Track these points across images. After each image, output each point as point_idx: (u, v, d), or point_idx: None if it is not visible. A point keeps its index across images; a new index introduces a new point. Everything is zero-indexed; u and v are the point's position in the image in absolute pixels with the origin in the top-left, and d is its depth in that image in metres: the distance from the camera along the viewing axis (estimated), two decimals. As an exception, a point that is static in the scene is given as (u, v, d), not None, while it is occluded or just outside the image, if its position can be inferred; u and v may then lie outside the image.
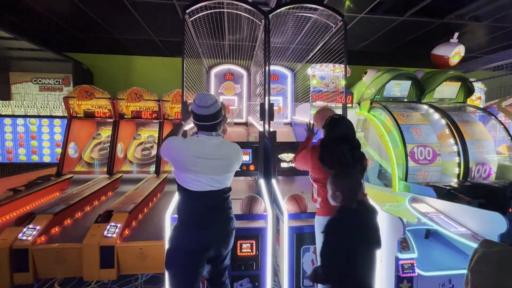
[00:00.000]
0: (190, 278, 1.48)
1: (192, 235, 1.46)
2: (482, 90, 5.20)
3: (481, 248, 0.84)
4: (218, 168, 1.50)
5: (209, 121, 1.50)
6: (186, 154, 1.45)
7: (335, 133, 1.78)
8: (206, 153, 1.47)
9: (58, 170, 4.12)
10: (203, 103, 1.48)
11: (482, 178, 3.41)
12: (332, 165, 1.72)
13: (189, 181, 1.46)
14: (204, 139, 1.50)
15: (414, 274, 1.94)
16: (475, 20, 3.65)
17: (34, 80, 4.96)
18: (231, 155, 1.57)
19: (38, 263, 2.45)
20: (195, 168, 1.45)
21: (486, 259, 0.80)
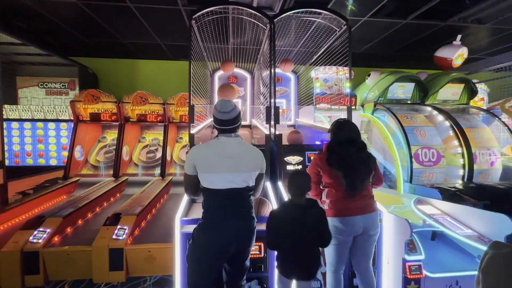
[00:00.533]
0: (209, 275, 1.55)
1: (213, 230, 1.53)
2: (485, 91, 5.21)
3: (491, 249, 0.87)
4: (236, 167, 1.56)
5: (230, 125, 1.60)
6: (208, 155, 1.54)
7: (340, 136, 1.83)
8: (228, 152, 1.56)
9: (65, 173, 4.17)
10: (224, 109, 1.58)
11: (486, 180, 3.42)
12: (340, 166, 1.75)
13: (211, 179, 1.53)
14: (224, 140, 1.60)
15: (422, 276, 1.95)
16: (478, 23, 3.68)
17: (40, 85, 5.03)
18: (251, 154, 1.64)
19: (48, 266, 2.48)
20: (217, 167, 1.52)
21: (496, 260, 0.83)
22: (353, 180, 1.75)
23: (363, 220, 1.76)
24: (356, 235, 1.79)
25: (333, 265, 1.85)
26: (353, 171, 1.75)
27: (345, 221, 1.75)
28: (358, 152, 1.78)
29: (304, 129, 4.48)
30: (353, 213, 1.75)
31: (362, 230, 1.77)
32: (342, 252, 1.81)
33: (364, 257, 1.85)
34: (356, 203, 1.77)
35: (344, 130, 1.84)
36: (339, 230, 1.77)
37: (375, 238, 1.83)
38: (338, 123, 1.89)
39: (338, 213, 1.77)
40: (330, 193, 1.84)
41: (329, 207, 1.83)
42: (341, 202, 1.78)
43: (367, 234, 1.79)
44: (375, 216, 1.81)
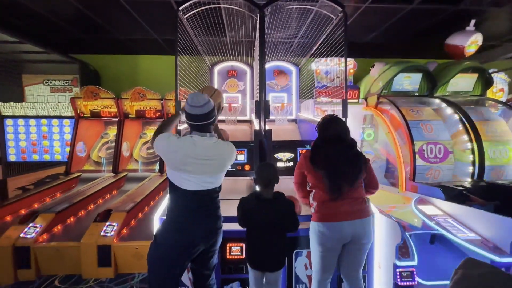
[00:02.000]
0: (173, 275, 1.49)
1: (180, 231, 1.47)
2: (505, 81, 4.80)
3: (461, 268, 0.72)
4: (210, 169, 1.50)
5: (202, 121, 1.49)
6: (179, 154, 1.44)
7: (326, 134, 1.71)
8: (198, 154, 1.46)
9: (67, 169, 4.26)
10: (196, 102, 1.46)
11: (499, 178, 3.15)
12: (323, 165, 1.63)
13: (180, 179, 1.47)
14: (197, 139, 1.48)
15: (414, 283, 1.80)
16: (494, 5, 3.34)
17: (45, 82, 5.13)
18: (224, 155, 1.56)
19: (40, 261, 2.53)
20: (187, 168, 1.44)
21: (465, 283, 0.68)
22: (337, 181, 1.59)
23: (352, 226, 1.58)
24: (345, 243, 1.63)
25: (318, 274, 1.71)
26: (336, 171, 1.59)
27: (331, 226, 1.59)
28: (345, 150, 1.63)
29: (306, 124, 4.32)
30: (340, 218, 1.58)
31: (351, 237, 1.60)
32: (329, 261, 1.66)
33: (354, 266, 1.70)
34: (345, 207, 1.59)
35: (331, 127, 1.70)
36: (325, 237, 1.61)
37: (367, 247, 1.66)
38: (325, 119, 1.75)
39: (323, 218, 1.62)
40: (316, 195, 1.69)
41: (315, 211, 1.69)
42: (327, 205, 1.62)
43: (358, 243, 1.62)
44: (366, 222, 1.62)
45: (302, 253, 2.03)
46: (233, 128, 4.52)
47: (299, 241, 2.03)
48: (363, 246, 1.64)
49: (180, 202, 1.50)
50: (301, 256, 2.03)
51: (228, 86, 4.91)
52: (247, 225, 1.70)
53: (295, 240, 2.03)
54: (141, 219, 3.06)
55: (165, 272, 1.48)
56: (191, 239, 1.46)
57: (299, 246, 2.03)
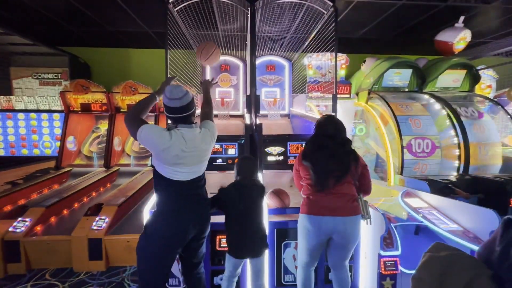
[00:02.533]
0: (164, 265, 1.52)
1: (174, 220, 1.49)
2: (493, 78, 4.90)
3: (430, 252, 0.76)
4: (201, 158, 1.56)
5: (184, 113, 1.49)
6: (173, 152, 1.43)
7: (320, 131, 1.77)
8: (191, 146, 1.48)
9: (57, 163, 4.21)
10: (175, 95, 1.46)
11: (484, 172, 3.24)
12: (309, 158, 1.67)
13: (172, 172, 1.48)
14: (185, 132, 1.48)
15: (397, 272, 1.87)
16: (483, 2, 3.39)
17: (34, 75, 5.02)
18: (210, 141, 1.61)
19: (30, 255, 2.52)
20: (181, 162, 1.47)
21: (430, 265, 0.72)
22: (322, 174, 1.63)
23: (333, 222, 1.59)
24: (328, 237, 1.66)
25: (302, 261, 1.77)
26: (323, 164, 1.63)
27: (312, 220, 1.63)
28: (335, 147, 1.66)
29: (298, 119, 4.34)
30: (322, 212, 1.61)
31: (332, 233, 1.62)
32: (313, 251, 1.71)
33: (339, 259, 1.75)
34: (327, 202, 1.61)
35: (326, 125, 1.75)
36: (307, 230, 1.66)
37: (351, 246, 1.67)
38: (322, 118, 1.82)
39: (308, 211, 1.66)
40: (305, 188, 1.75)
41: (302, 203, 1.74)
42: (312, 199, 1.66)
43: (342, 240, 1.63)
44: (349, 221, 1.60)
45: (290, 245, 2.07)
46: (225, 122, 4.51)
47: (288, 233, 2.07)
48: (347, 244, 1.65)
49: (171, 192, 1.51)
50: (289, 247, 2.08)
51: (220, 81, 4.89)
52: (227, 213, 1.75)
53: (283, 232, 2.08)
54: (133, 213, 3.06)
55: (157, 263, 1.49)
56: (184, 227, 1.50)
57: (287, 237, 2.08)
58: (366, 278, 2.07)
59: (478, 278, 0.65)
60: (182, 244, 1.54)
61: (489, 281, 0.65)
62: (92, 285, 2.34)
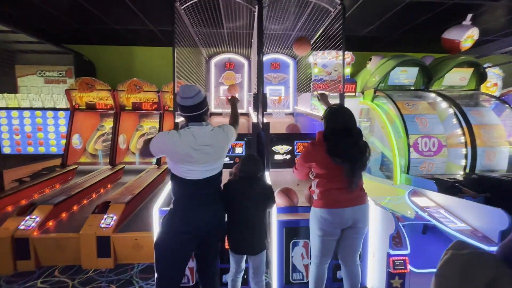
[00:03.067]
0: (180, 262, 1.56)
1: (187, 218, 1.53)
2: (499, 76, 4.87)
3: (451, 249, 0.77)
4: (213, 156, 1.55)
5: (196, 111, 1.53)
6: (182, 148, 1.47)
7: (336, 125, 1.71)
8: (200, 143, 1.50)
9: (63, 161, 4.24)
10: (187, 94, 1.50)
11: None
12: (345, 158, 1.63)
13: (185, 171, 1.50)
14: (195, 130, 1.52)
15: (406, 271, 1.87)
16: (491, 0, 3.35)
17: (39, 73, 5.03)
18: (223, 140, 1.62)
19: (39, 252, 2.55)
20: (192, 159, 1.49)
21: (453, 263, 0.73)
22: (358, 172, 1.66)
23: (352, 212, 1.66)
24: (345, 227, 1.70)
25: (317, 258, 1.77)
26: (357, 163, 1.64)
27: (334, 213, 1.66)
28: (356, 142, 1.66)
29: (303, 117, 4.34)
30: (343, 205, 1.66)
31: (351, 223, 1.68)
32: (328, 244, 1.73)
33: (351, 251, 1.77)
34: (348, 195, 1.67)
35: (339, 118, 1.71)
36: (327, 222, 1.68)
37: (364, 231, 1.74)
38: (333, 109, 1.77)
39: (327, 204, 1.68)
40: (321, 183, 1.73)
41: (318, 197, 1.73)
42: (332, 193, 1.68)
43: (356, 227, 1.70)
44: (365, 208, 1.72)
45: (299, 243, 2.08)
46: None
47: (296, 232, 2.08)
48: (360, 230, 1.72)
49: (185, 191, 1.55)
50: (298, 246, 2.09)
51: (225, 79, 4.89)
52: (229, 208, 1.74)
53: (292, 230, 2.08)
54: (140, 210, 3.08)
55: (172, 259, 1.53)
56: (197, 226, 1.52)
57: (296, 236, 2.09)
58: (374, 277, 2.08)
59: (500, 277, 0.66)
60: (196, 242, 1.56)
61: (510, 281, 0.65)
62: (101, 282, 2.36)
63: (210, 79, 4.81)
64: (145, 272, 2.52)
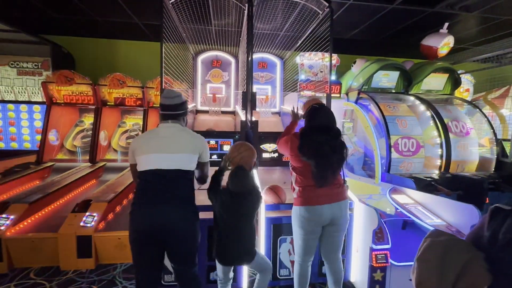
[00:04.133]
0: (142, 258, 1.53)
1: (140, 214, 1.49)
2: (471, 83, 5.21)
3: (430, 237, 0.85)
4: (169, 146, 1.53)
5: (170, 110, 1.62)
6: (143, 141, 1.59)
7: (314, 123, 1.76)
8: (156, 133, 1.60)
9: (38, 158, 4.01)
10: (167, 95, 1.65)
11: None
12: (311, 155, 1.68)
13: (141, 161, 1.52)
14: (161, 125, 1.64)
15: (387, 264, 1.97)
16: (466, 10, 3.59)
17: (11, 64, 4.71)
18: (185, 137, 1.61)
19: (12, 253, 2.40)
20: (147, 149, 1.53)
21: (432, 248, 0.81)
22: (324, 170, 1.67)
23: (330, 209, 1.69)
24: (324, 224, 1.74)
25: (300, 256, 1.81)
26: (324, 161, 1.67)
27: (312, 209, 1.69)
28: (331, 140, 1.70)
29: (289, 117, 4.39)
30: (320, 201, 1.68)
31: (330, 219, 1.71)
32: (310, 243, 1.77)
33: (333, 247, 1.82)
34: (325, 191, 1.70)
35: (319, 117, 1.75)
36: (306, 220, 1.71)
37: (344, 227, 1.79)
38: (314, 108, 1.80)
39: (305, 202, 1.71)
40: (298, 179, 1.77)
41: (297, 195, 1.78)
42: (309, 190, 1.71)
43: (336, 224, 1.74)
44: (344, 204, 1.75)
45: (286, 240, 2.12)
46: (216, 118, 4.49)
47: (283, 228, 2.12)
48: (340, 226, 1.77)
49: (140, 185, 1.53)
50: (285, 242, 2.13)
51: (212, 76, 4.84)
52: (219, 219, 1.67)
53: (279, 227, 2.12)
54: (123, 209, 2.99)
55: (136, 257, 1.54)
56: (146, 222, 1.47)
57: (283, 233, 2.12)
58: (357, 271, 2.17)
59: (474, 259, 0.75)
60: (152, 240, 1.48)
61: (483, 262, 0.74)
62: (82, 284, 2.27)
63: (196, 76, 4.74)
64: (129, 272, 2.46)
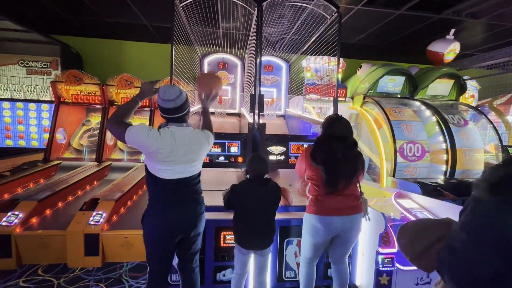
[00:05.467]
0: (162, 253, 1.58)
1: (164, 216, 1.53)
2: (476, 89, 5.21)
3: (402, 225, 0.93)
4: (190, 158, 1.54)
5: (177, 114, 1.51)
6: (160, 147, 1.44)
7: (330, 131, 1.77)
8: (179, 145, 1.49)
9: (46, 156, 4.06)
10: (168, 96, 1.46)
11: (468, 176, 3.45)
12: (322, 160, 1.70)
13: (162, 170, 1.48)
14: (175, 130, 1.50)
15: (393, 268, 1.98)
16: (472, 17, 3.61)
17: (21, 63, 4.79)
18: (201, 144, 1.60)
19: (21, 249, 2.44)
20: (169, 160, 1.47)
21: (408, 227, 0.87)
22: (334, 177, 1.67)
23: (341, 221, 1.69)
24: (334, 235, 1.74)
25: (306, 258, 1.84)
26: (335, 167, 1.67)
27: (322, 220, 1.70)
28: (346, 149, 1.70)
29: (294, 120, 4.42)
30: (331, 212, 1.69)
31: (340, 231, 1.71)
32: (318, 249, 1.79)
33: (341, 254, 1.84)
34: (337, 203, 1.69)
35: (335, 126, 1.77)
36: (316, 229, 1.72)
37: (355, 238, 1.79)
38: (331, 118, 1.82)
39: (317, 211, 1.72)
40: (311, 188, 1.79)
41: (310, 204, 1.79)
42: (321, 200, 1.72)
43: (345, 236, 1.74)
44: (355, 218, 1.72)
45: (293, 242, 2.14)
46: (221, 120, 4.53)
47: (290, 230, 2.13)
48: (350, 239, 1.76)
49: (159, 190, 1.53)
50: (291, 244, 2.14)
51: (218, 79, 4.88)
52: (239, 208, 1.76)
53: (286, 229, 2.14)
54: (130, 208, 3.02)
55: (152, 255, 1.58)
56: (168, 226, 1.53)
57: (290, 235, 2.14)
58: (363, 274, 2.17)
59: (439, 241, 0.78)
60: (170, 241, 1.56)
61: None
62: (89, 281, 2.30)
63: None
64: (135, 271, 2.48)
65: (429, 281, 2.08)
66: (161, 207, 1.53)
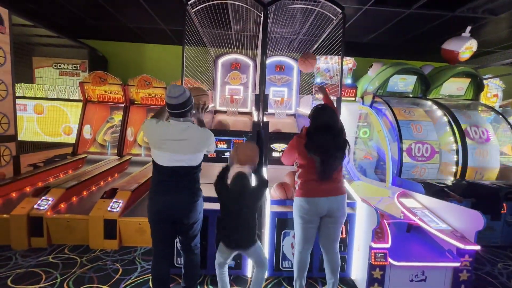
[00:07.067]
0: (159, 234, 1.79)
1: (156, 200, 1.75)
2: (500, 88, 4.95)
3: None
4: (181, 148, 1.72)
5: (178, 109, 1.72)
6: (155, 134, 1.72)
7: (318, 122, 1.89)
8: (171, 135, 1.70)
9: (74, 150, 4.47)
10: (172, 94, 1.69)
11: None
12: (317, 152, 1.82)
13: (156, 156, 1.74)
14: (172, 123, 1.74)
15: (386, 263, 2.03)
16: (490, 13, 3.47)
17: (54, 65, 5.30)
18: (195, 138, 1.77)
19: (51, 230, 2.77)
20: (162, 146, 1.71)
21: None
22: (328, 166, 1.81)
23: (327, 202, 1.82)
24: (322, 216, 1.86)
25: (300, 244, 1.94)
26: (328, 157, 1.81)
27: (310, 201, 1.83)
28: (335, 138, 1.84)
29: (304, 119, 4.50)
30: (319, 194, 1.83)
31: (327, 211, 1.84)
32: (309, 232, 1.89)
33: (331, 239, 1.92)
34: (324, 186, 1.83)
35: (322, 116, 1.89)
36: (304, 209, 1.85)
37: (341, 220, 1.89)
38: (317, 109, 1.95)
39: (305, 194, 1.86)
40: (301, 174, 1.92)
41: (298, 187, 1.92)
42: (310, 184, 1.85)
43: (333, 216, 1.86)
44: (341, 199, 1.86)
45: (289, 234, 2.25)
46: (234, 119, 4.70)
47: (287, 223, 2.25)
48: (337, 219, 1.88)
49: (155, 174, 1.77)
50: (288, 236, 2.26)
51: (231, 78, 5.07)
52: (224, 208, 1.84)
53: (283, 221, 2.26)
54: (144, 198, 3.28)
55: (152, 231, 1.80)
56: (162, 207, 1.72)
57: (287, 227, 2.26)
58: (358, 269, 2.24)
59: None
60: (163, 225, 1.75)
61: None
62: (107, 261, 2.57)
63: (216, 78, 4.99)
64: (147, 255, 2.72)
65: (424, 278, 2.10)
66: (155, 191, 1.75)
